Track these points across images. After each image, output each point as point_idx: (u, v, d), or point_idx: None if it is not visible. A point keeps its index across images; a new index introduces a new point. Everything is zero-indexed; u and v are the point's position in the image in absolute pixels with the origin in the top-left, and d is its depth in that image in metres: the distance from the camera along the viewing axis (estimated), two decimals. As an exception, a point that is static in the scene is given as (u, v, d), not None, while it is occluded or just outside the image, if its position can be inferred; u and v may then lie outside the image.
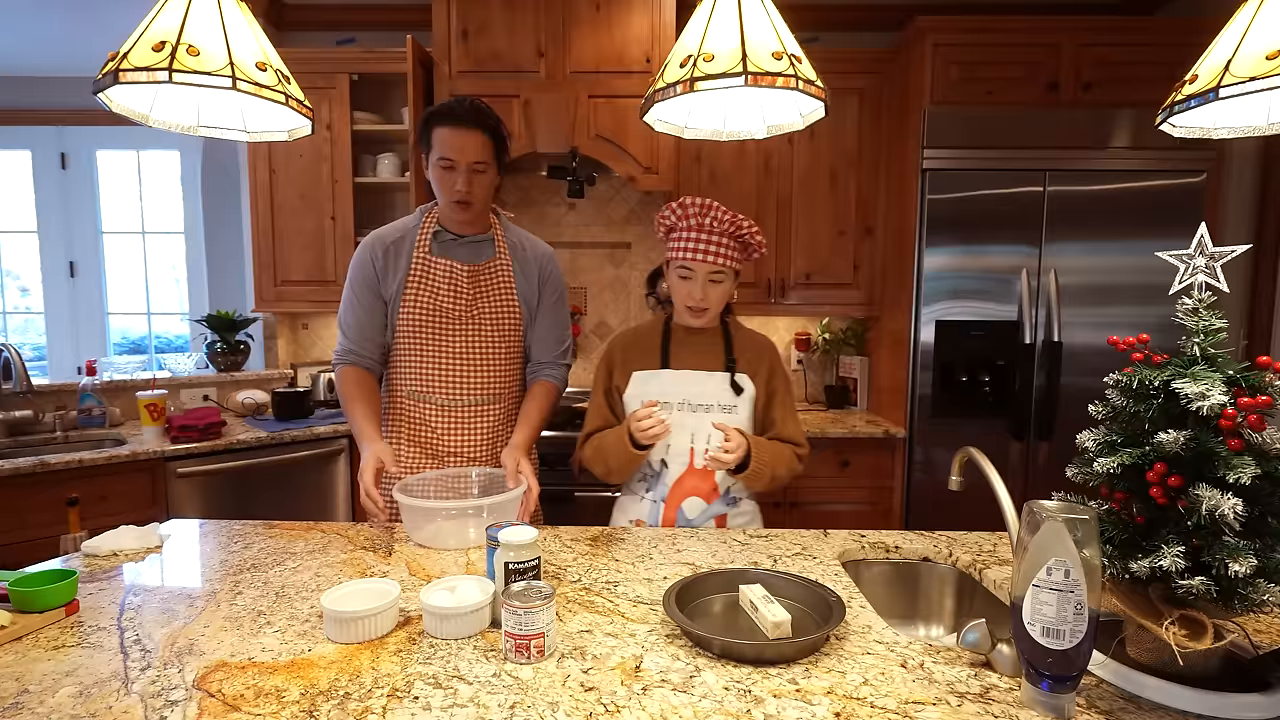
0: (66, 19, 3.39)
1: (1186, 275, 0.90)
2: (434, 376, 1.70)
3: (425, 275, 1.67)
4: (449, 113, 1.58)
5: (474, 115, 1.58)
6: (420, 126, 1.64)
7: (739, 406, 1.57)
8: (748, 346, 1.63)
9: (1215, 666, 0.87)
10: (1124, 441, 0.88)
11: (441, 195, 1.64)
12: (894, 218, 2.92)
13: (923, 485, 2.75)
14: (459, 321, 1.68)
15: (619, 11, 2.83)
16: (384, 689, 0.87)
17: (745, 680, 0.90)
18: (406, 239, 1.70)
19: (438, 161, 1.60)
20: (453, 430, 1.71)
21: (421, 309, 1.67)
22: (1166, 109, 1.15)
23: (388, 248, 1.69)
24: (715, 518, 1.58)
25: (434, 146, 1.60)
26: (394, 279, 1.68)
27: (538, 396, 1.76)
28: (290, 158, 3.02)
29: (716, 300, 1.57)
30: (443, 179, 1.61)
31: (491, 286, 1.71)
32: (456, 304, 1.68)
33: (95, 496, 2.30)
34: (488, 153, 1.61)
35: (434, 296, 1.67)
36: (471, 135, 1.58)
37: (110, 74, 1.06)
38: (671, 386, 1.58)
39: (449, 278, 1.68)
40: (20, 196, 4.32)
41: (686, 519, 1.56)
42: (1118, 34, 2.65)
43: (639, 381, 1.61)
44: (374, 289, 1.69)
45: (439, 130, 1.58)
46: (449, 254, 1.70)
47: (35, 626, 1.03)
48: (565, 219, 3.41)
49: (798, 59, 1.17)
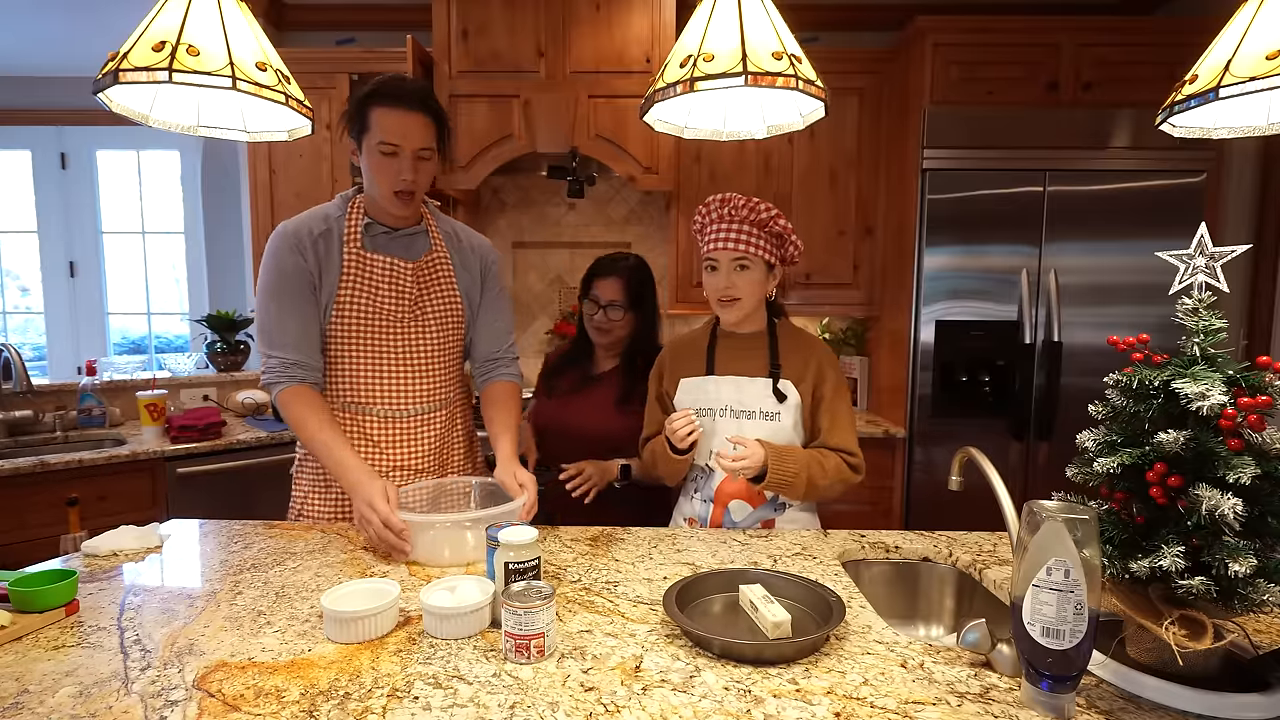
0: (66, 19, 3.39)
1: (1186, 275, 0.90)
2: (374, 386, 1.53)
3: (362, 274, 1.50)
4: (392, 93, 1.42)
5: (419, 97, 1.44)
6: (356, 105, 1.46)
7: (782, 414, 1.53)
8: (794, 351, 1.57)
9: (1215, 666, 0.87)
10: (1124, 441, 0.88)
11: (379, 184, 1.47)
12: (894, 218, 2.92)
13: (923, 485, 2.75)
14: (401, 324, 1.53)
15: (619, 11, 2.83)
16: (384, 689, 0.87)
17: (745, 680, 0.90)
18: (333, 233, 1.51)
19: (377, 146, 1.43)
20: (396, 442, 1.56)
21: (359, 312, 1.50)
22: (1166, 109, 1.15)
23: (315, 241, 1.49)
24: (762, 521, 1.55)
25: (372, 129, 1.43)
26: (328, 277, 1.49)
27: (505, 401, 1.63)
28: (290, 158, 3.02)
29: (746, 290, 1.52)
30: (382, 166, 1.44)
31: (434, 283, 1.57)
32: (399, 305, 1.52)
33: (95, 496, 2.30)
34: (432, 139, 1.47)
35: (373, 297, 1.50)
36: (417, 119, 1.43)
37: (110, 74, 1.06)
38: (716, 392, 1.57)
39: (389, 276, 1.52)
40: (20, 196, 4.32)
41: (733, 520, 1.55)
42: (1117, 34, 2.65)
43: (686, 388, 1.61)
44: (311, 289, 1.48)
45: (379, 111, 1.42)
46: (385, 250, 1.54)
47: (35, 626, 1.03)
48: (565, 219, 3.41)
49: (798, 59, 1.17)
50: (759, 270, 1.53)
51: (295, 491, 1.63)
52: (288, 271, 1.47)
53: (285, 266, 1.47)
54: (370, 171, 1.47)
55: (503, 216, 3.42)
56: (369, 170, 1.47)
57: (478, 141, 2.86)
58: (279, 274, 1.48)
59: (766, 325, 1.60)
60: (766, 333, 1.60)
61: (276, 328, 1.48)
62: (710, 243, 1.53)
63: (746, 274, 1.52)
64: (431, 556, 1.30)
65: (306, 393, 1.47)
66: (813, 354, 1.57)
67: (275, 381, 1.48)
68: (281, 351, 1.47)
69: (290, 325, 1.48)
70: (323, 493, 1.59)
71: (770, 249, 1.52)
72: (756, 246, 1.50)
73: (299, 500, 1.62)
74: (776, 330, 1.60)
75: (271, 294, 1.48)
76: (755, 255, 1.50)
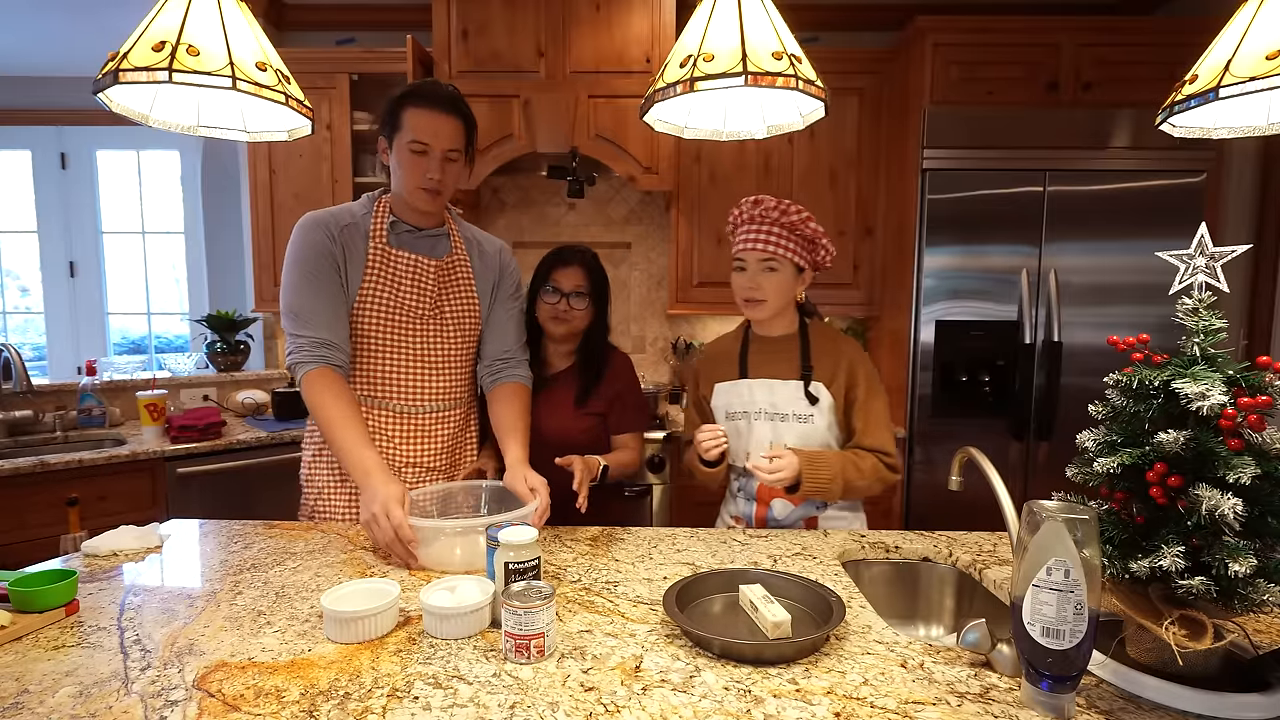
0: (66, 19, 3.39)
1: (1186, 275, 0.90)
2: (392, 381, 1.54)
3: (386, 268, 1.52)
4: (427, 95, 1.48)
5: (452, 101, 1.49)
6: (390, 105, 1.50)
7: (815, 416, 1.54)
8: (826, 353, 1.57)
9: (1215, 666, 0.87)
10: (1124, 441, 0.88)
11: (407, 181, 1.49)
12: (894, 218, 2.92)
13: (923, 485, 2.75)
14: (422, 320, 1.55)
15: (619, 11, 2.83)
16: (384, 689, 0.87)
17: (745, 680, 0.90)
18: (358, 226, 1.52)
19: (408, 144, 1.46)
20: (410, 439, 1.56)
21: (382, 305, 1.51)
22: (1166, 109, 1.15)
23: (343, 229, 1.50)
24: (805, 519, 1.58)
25: (404, 128, 1.47)
26: (353, 268, 1.50)
27: (514, 401, 1.60)
28: (290, 158, 3.02)
29: (773, 291, 1.53)
30: (412, 164, 1.48)
31: (454, 283, 1.60)
32: (420, 301, 1.54)
33: (95, 496, 2.30)
34: (461, 141, 1.51)
35: (396, 292, 1.52)
36: (448, 120, 1.48)
37: (110, 74, 1.06)
38: (750, 396, 1.58)
39: (413, 272, 1.54)
40: (20, 196, 4.32)
41: (776, 519, 1.58)
42: (1117, 34, 2.65)
43: (721, 392, 1.63)
44: (337, 271, 1.48)
45: (413, 111, 1.46)
46: (409, 247, 1.56)
47: (35, 626, 1.03)
48: (565, 219, 3.41)
49: (798, 59, 1.17)
50: (787, 272, 1.53)
51: (308, 488, 1.61)
52: (317, 253, 1.47)
53: (317, 248, 1.47)
54: (400, 169, 1.50)
55: (503, 216, 3.42)
56: (398, 167, 1.50)
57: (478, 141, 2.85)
58: (312, 254, 1.46)
59: (799, 327, 1.61)
60: (798, 335, 1.60)
61: (302, 307, 1.45)
62: (740, 242, 1.54)
63: (774, 276, 1.52)
64: (442, 562, 1.28)
65: (333, 377, 1.44)
66: (843, 355, 1.57)
67: (303, 361, 1.43)
68: (313, 330, 1.44)
69: (322, 306, 1.46)
70: (337, 488, 1.57)
71: (799, 251, 1.53)
72: (785, 248, 1.51)
73: (313, 496, 1.60)
74: (808, 332, 1.61)
75: (303, 274, 1.46)
76: (783, 257, 1.51)
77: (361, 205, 1.57)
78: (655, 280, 3.43)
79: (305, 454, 1.63)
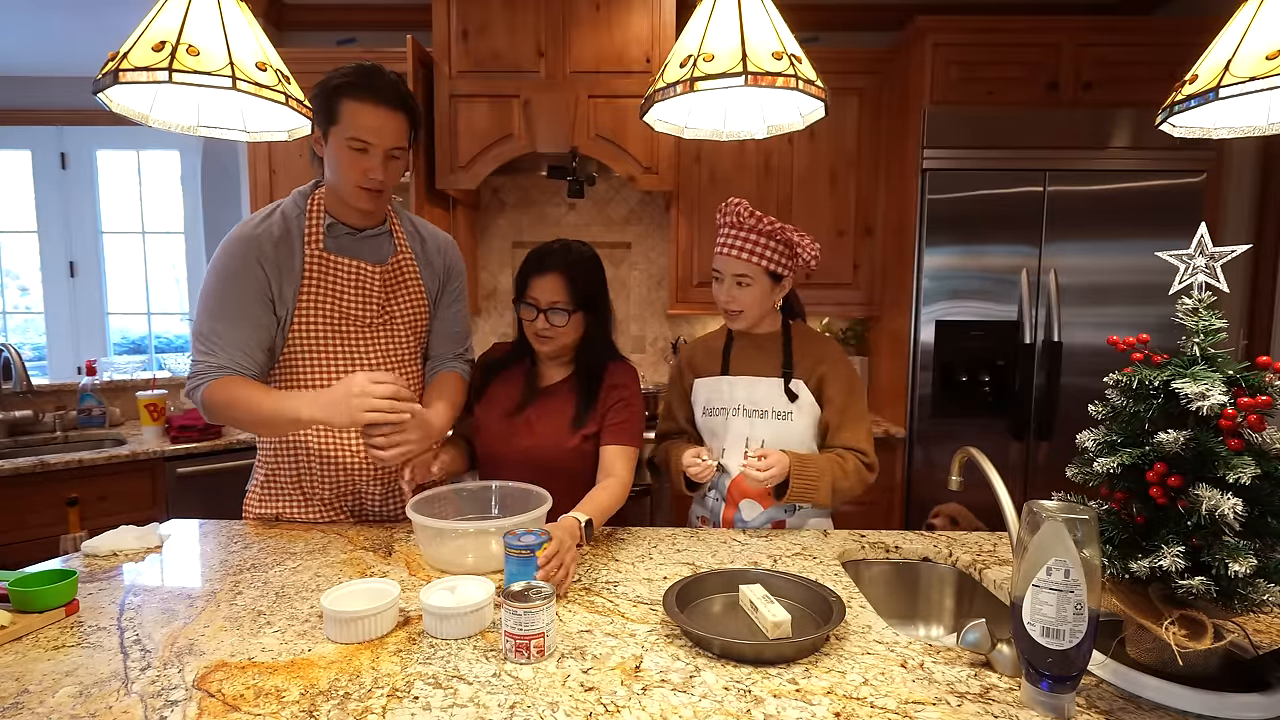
0: (66, 19, 3.39)
1: (1186, 275, 0.90)
2: None
3: (326, 278, 1.42)
4: (368, 86, 1.33)
5: (396, 94, 1.36)
6: (324, 94, 1.34)
7: (794, 413, 1.55)
8: (807, 352, 1.58)
9: (1215, 666, 0.87)
10: (1124, 441, 0.88)
11: (345, 179, 1.37)
12: (894, 218, 2.92)
13: (923, 485, 2.75)
14: (370, 327, 1.47)
15: (619, 11, 2.83)
16: (384, 689, 0.87)
17: (745, 680, 0.90)
18: (292, 234, 1.41)
19: (347, 141, 1.34)
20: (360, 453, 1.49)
21: (323, 318, 1.42)
22: (1166, 109, 1.15)
23: (276, 243, 1.39)
24: (773, 523, 1.57)
25: (342, 122, 1.33)
26: (287, 283, 1.40)
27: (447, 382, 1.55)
28: (290, 158, 3.01)
29: (749, 303, 1.53)
30: (351, 161, 1.35)
31: (402, 286, 1.51)
32: (365, 309, 1.46)
33: (95, 496, 2.30)
34: (405, 137, 1.39)
35: (337, 302, 1.43)
36: (392, 116, 1.35)
37: (110, 74, 1.06)
38: (729, 392, 1.59)
39: (356, 280, 1.44)
40: (20, 196, 4.31)
41: (744, 520, 1.57)
42: (1117, 34, 2.65)
43: (701, 387, 1.63)
44: (264, 299, 1.38)
45: (352, 105, 1.33)
46: (350, 252, 1.45)
47: (35, 626, 1.03)
48: (565, 219, 3.41)
49: (798, 59, 1.17)
50: (761, 284, 1.53)
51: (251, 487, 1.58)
52: (244, 281, 1.37)
53: (241, 276, 1.37)
54: (337, 165, 1.37)
55: (503, 216, 3.42)
56: (335, 163, 1.37)
57: (478, 141, 2.85)
58: (230, 283, 1.37)
59: (781, 326, 1.62)
60: (781, 334, 1.61)
61: (213, 333, 1.36)
62: (717, 249, 1.55)
63: (748, 289, 1.53)
64: (454, 564, 1.26)
65: (236, 378, 1.35)
66: (823, 355, 1.58)
67: (205, 377, 1.34)
68: (213, 353, 1.35)
69: (234, 335, 1.37)
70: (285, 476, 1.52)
71: (774, 258, 1.51)
72: (757, 258, 1.50)
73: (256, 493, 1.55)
74: (791, 331, 1.61)
75: (219, 301, 1.37)
76: (757, 265, 1.51)
77: (293, 205, 1.45)
78: (655, 280, 3.43)
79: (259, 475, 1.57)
